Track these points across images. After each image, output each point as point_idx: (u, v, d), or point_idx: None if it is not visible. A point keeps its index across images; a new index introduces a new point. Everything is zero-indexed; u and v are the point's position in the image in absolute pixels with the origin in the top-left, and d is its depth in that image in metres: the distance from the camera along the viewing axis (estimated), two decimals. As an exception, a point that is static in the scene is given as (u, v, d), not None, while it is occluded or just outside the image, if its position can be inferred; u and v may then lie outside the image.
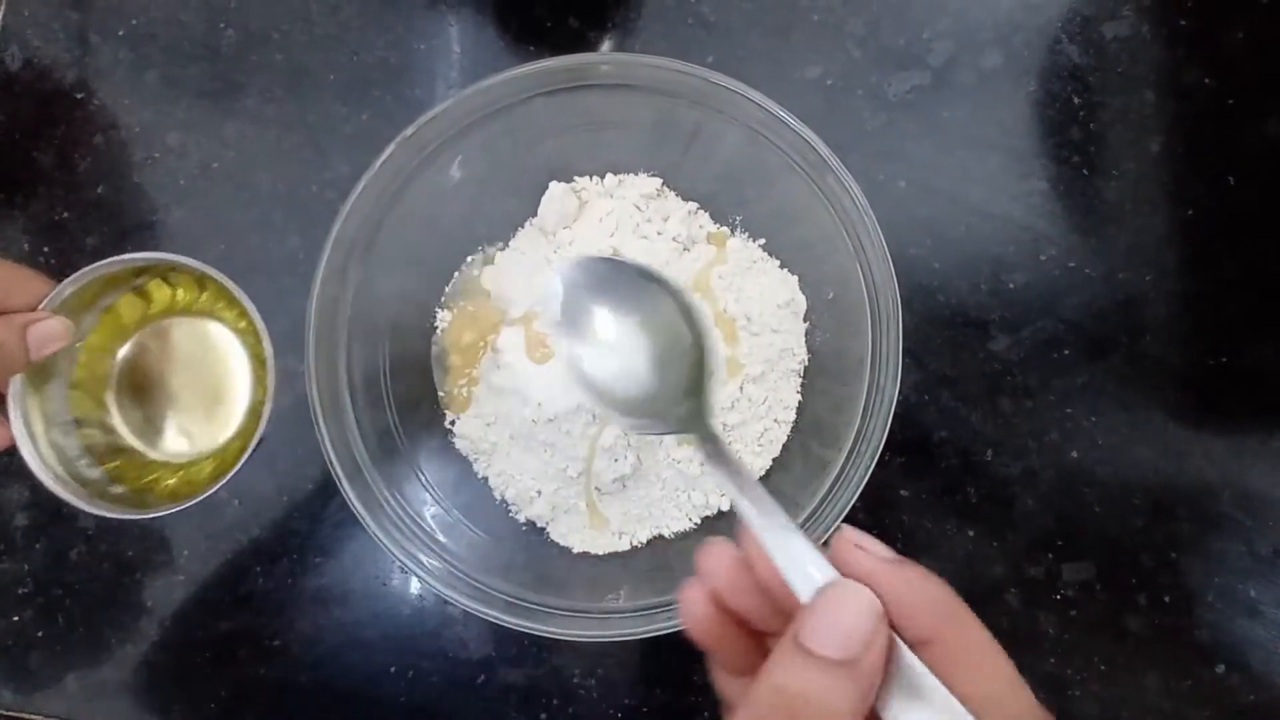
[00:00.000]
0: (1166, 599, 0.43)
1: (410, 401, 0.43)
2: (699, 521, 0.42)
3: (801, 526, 0.38)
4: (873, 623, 0.20)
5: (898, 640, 0.21)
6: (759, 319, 0.42)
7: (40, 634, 0.45)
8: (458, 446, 0.43)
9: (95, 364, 0.40)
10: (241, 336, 0.42)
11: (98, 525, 0.46)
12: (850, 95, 0.46)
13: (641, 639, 0.36)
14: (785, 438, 0.42)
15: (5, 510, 0.46)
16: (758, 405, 0.42)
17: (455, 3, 0.48)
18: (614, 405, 0.32)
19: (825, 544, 0.23)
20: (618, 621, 0.37)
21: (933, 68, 0.46)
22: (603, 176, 0.44)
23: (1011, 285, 0.45)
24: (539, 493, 0.41)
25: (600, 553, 0.42)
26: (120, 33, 0.48)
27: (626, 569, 0.41)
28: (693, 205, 0.44)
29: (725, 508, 0.42)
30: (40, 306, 0.36)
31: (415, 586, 0.45)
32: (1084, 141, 0.46)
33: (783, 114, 0.38)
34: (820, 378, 0.42)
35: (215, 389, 0.42)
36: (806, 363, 0.43)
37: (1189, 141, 0.46)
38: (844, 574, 0.22)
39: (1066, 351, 0.44)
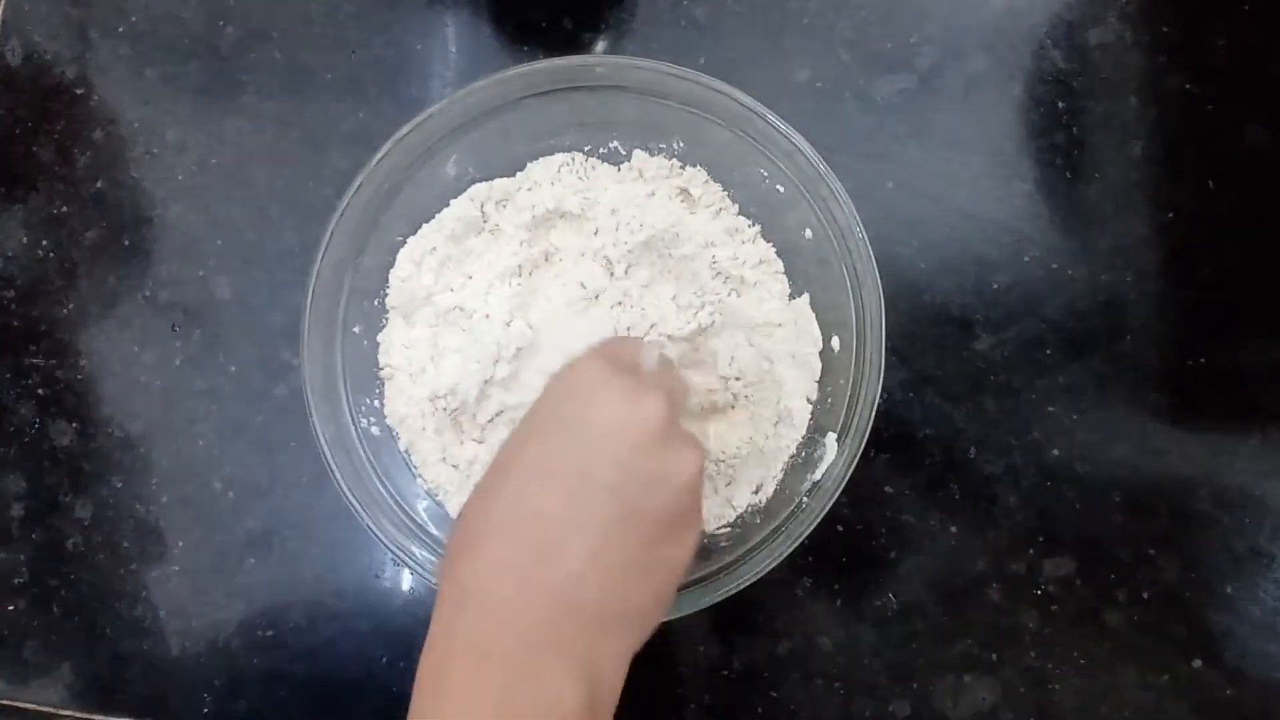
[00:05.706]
0: (1145, 594, 0.44)
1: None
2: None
3: (786, 522, 0.39)
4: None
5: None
6: (747, 317, 0.43)
7: (35, 624, 0.46)
8: (450, 440, 0.43)
9: None
10: None
11: (94, 516, 0.46)
12: (839, 98, 0.47)
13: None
14: (772, 433, 0.43)
15: (0, 501, 0.47)
16: (744, 404, 0.42)
17: (452, 3, 0.49)
18: None
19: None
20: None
21: (920, 72, 0.47)
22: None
23: (995, 285, 0.46)
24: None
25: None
26: (120, 29, 0.49)
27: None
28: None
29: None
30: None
31: (408, 578, 0.46)
32: (1067, 145, 0.46)
33: (771, 117, 0.39)
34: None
35: None
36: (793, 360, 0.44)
37: (1170, 146, 0.46)
38: None
39: (1049, 351, 0.45)
